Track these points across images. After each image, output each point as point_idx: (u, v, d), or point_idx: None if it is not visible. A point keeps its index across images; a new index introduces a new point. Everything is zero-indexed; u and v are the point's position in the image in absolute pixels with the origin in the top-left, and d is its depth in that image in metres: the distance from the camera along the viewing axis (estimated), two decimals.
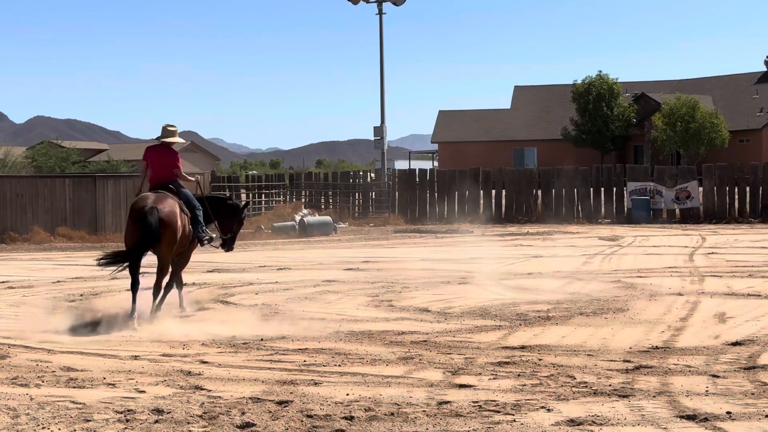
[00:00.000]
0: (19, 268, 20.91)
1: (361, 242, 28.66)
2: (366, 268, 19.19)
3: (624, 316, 12.23)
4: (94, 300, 14.56)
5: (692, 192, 35.38)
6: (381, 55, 41.03)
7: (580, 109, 67.18)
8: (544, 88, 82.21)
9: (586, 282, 16.05)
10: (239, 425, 6.96)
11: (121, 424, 6.99)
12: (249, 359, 9.71)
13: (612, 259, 20.57)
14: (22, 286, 16.69)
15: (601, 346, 10.13)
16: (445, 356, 9.64)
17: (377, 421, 7.02)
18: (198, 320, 12.30)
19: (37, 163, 63.52)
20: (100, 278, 17.25)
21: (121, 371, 9.10)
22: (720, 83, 75.01)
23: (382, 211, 39.03)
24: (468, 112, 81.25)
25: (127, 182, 34.53)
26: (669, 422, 6.89)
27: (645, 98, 69.29)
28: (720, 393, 7.78)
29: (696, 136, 60.19)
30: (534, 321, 11.92)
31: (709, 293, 14.33)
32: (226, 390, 8.19)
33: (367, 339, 10.78)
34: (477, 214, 37.26)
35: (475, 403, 7.54)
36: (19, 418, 7.16)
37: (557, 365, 9.06)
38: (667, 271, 17.62)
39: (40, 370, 9.19)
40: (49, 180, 33.75)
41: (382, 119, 40.53)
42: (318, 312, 12.91)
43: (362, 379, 8.56)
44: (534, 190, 37.36)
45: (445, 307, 13.31)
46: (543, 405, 7.44)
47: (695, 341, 10.29)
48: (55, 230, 30.76)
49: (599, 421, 6.91)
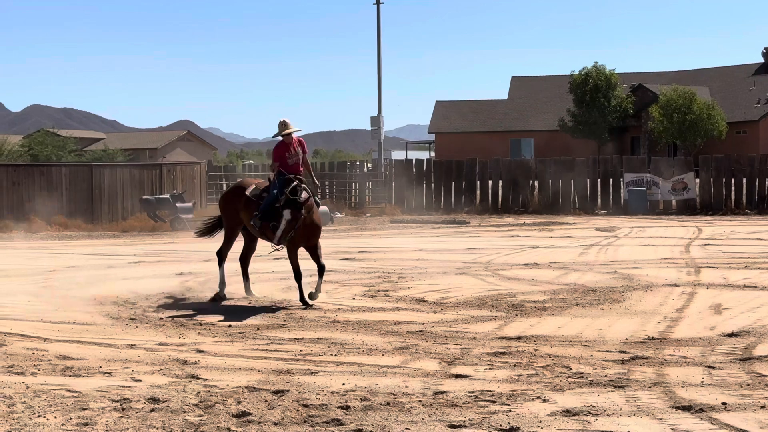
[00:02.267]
0: (15, 256, 20.89)
1: (357, 232, 28.65)
2: (362, 258, 19.19)
3: (620, 307, 12.24)
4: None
5: (689, 183, 35.39)
6: (378, 45, 41.01)
7: (577, 100, 67.14)
8: (541, 78, 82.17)
9: (583, 273, 16.06)
10: (235, 414, 6.97)
11: (117, 413, 6.99)
12: (245, 348, 9.72)
13: (608, 250, 20.58)
14: (18, 275, 16.67)
15: (597, 336, 10.14)
16: (441, 346, 9.64)
17: (373, 411, 7.03)
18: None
19: (33, 152, 63.45)
20: (97, 267, 17.23)
21: (117, 360, 9.10)
22: (717, 75, 74.99)
23: (379, 201, 39.01)
24: (465, 102, 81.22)
25: (123, 171, 34.51)
26: (664, 413, 6.90)
27: (642, 89, 69.27)
28: (715, 384, 7.80)
29: (693, 128, 60.19)
30: (530, 311, 11.93)
31: (706, 284, 14.34)
32: (222, 379, 8.19)
33: (363, 329, 10.78)
34: (474, 205, 37.27)
35: (471, 393, 7.55)
36: (15, 406, 7.16)
37: (553, 356, 9.06)
38: (664, 263, 17.63)
39: (36, 358, 9.19)
40: (45, 169, 33.70)
41: (379, 109, 40.50)
42: (315, 302, 12.89)
43: (358, 369, 8.56)
44: (531, 181, 37.34)
45: (441, 297, 13.32)
46: (539, 395, 7.45)
47: (691, 332, 10.31)
48: (51, 219, 30.73)
49: (595, 412, 6.92)
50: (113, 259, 19.96)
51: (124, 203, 33.34)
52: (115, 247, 23.96)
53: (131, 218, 32.24)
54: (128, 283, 15.29)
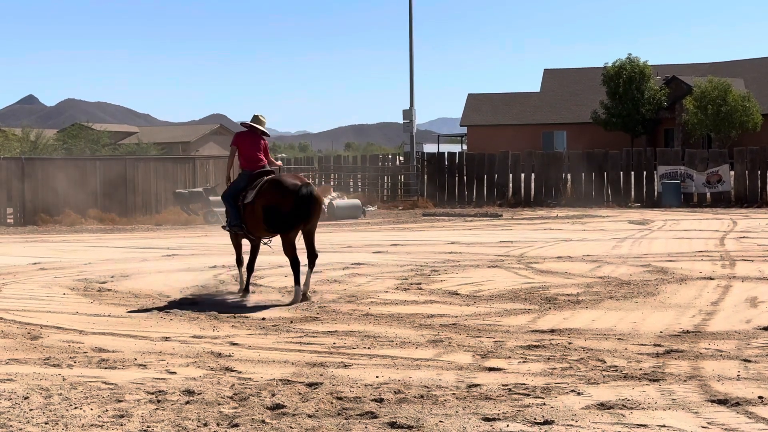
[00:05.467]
0: (50, 249, 21.09)
1: (389, 225, 28.66)
2: (395, 251, 19.19)
3: (654, 300, 12.16)
4: (124, 281, 14.68)
5: (723, 176, 35.10)
6: (410, 38, 40.91)
7: (610, 93, 66.66)
8: (573, 71, 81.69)
9: (616, 266, 15.97)
10: (269, 407, 6.99)
11: (153, 405, 7.04)
12: (279, 341, 9.75)
13: (642, 243, 20.45)
14: (54, 268, 16.83)
15: (632, 330, 10.08)
16: (475, 339, 9.63)
17: (407, 404, 7.03)
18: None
19: (67, 146, 64.00)
20: (131, 260, 17.35)
21: (152, 352, 9.17)
22: (752, 66, 74.20)
23: (411, 194, 39.00)
24: (497, 95, 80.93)
25: (157, 165, 34.72)
26: (700, 406, 6.86)
27: (676, 81, 68.69)
28: (752, 377, 7.73)
29: (727, 120, 59.60)
30: (563, 305, 11.88)
31: (741, 277, 14.22)
32: (256, 372, 8.22)
33: (396, 322, 10.79)
34: (506, 198, 37.19)
35: (505, 386, 7.53)
36: (51, 398, 7.23)
37: (587, 349, 9.03)
38: (698, 256, 17.50)
39: (72, 350, 9.27)
40: (80, 162, 34.00)
41: (411, 102, 40.43)
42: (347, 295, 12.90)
43: (392, 362, 8.57)
44: (563, 174, 37.20)
45: (474, 290, 13.30)
46: (573, 388, 7.42)
47: (726, 325, 10.23)
48: (86, 212, 30.99)
49: (630, 405, 6.88)
50: (147, 252, 20.09)
51: (158, 197, 33.58)
52: (149, 240, 24.12)
53: (165, 211, 32.50)
54: (162, 276, 15.40)
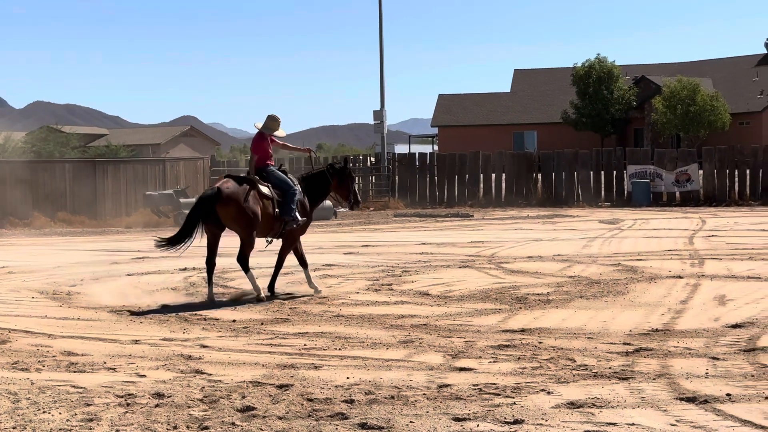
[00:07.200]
0: (19, 253, 20.92)
1: (361, 226, 28.66)
2: (366, 252, 19.20)
3: (624, 299, 12.23)
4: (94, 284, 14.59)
5: (692, 175, 35.37)
6: (380, 39, 40.93)
7: (579, 93, 67.00)
8: (543, 71, 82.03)
9: (586, 265, 16.05)
10: (240, 409, 6.97)
11: (122, 408, 7.00)
12: (249, 343, 9.73)
13: (612, 243, 20.57)
14: (23, 271, 16.69)
15: (601, 328, 10.14)
16: (446, 339, 9.64)
17: (377, 405, 7.03)
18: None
19: (36, 149, 63.45)
20: (101, 263, 17.23)
21: (122, 355, 9.11)
22: (720, 66, 74.85)
23: (383, 195, 39.02)
24: (468, 95, 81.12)
25: (126, 167, 34.52)
26: (669, 404, 6.90)
27: (645, 81, 69.15)
28: (720, 375, 7.79)
29: (696, 119, 60.06)
30: (534, 304, 11.93)
31: (709, 276, 14.33)
32: (227, 374, 8.19)
33: (367, 323, 10.79)
34: (477, 198, 37.28)
35: (476, 386, 7.55)
36: (20, 402, 7.17)
37: (557, 348, 9.06)
38: (667, 254, 17.62)
39: (41, 354, 9.20)
40: (49, 165, 33.78)
41: (382, 103, 40.44)
42: (319, 296, 12.89)
43: (362, 363, 8.57)
44: (534, 174, 37.36)
45: (445, 290, 13.32)
46: (543, 388, 7.45)
47: (695, 324, 10.30)
48: (55, 215, 30.77)
49: (599, 404, 6.92)
50: (117, 255, 19.98)
51: (128, 199, 33.38)
52: (119, 243, 23.98)
53: (135, 214, 32.29)
54: (132, 279, 15.32)
